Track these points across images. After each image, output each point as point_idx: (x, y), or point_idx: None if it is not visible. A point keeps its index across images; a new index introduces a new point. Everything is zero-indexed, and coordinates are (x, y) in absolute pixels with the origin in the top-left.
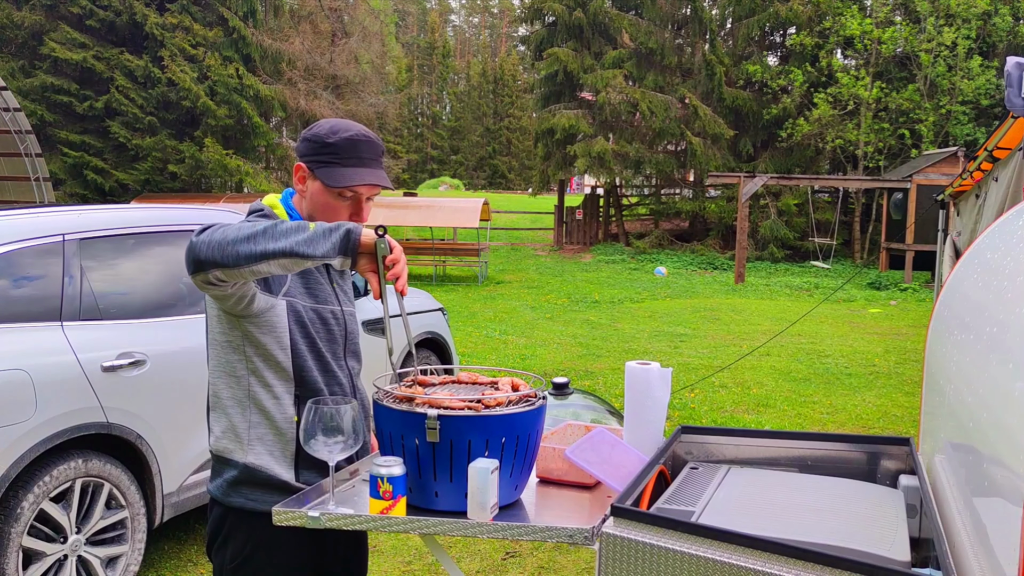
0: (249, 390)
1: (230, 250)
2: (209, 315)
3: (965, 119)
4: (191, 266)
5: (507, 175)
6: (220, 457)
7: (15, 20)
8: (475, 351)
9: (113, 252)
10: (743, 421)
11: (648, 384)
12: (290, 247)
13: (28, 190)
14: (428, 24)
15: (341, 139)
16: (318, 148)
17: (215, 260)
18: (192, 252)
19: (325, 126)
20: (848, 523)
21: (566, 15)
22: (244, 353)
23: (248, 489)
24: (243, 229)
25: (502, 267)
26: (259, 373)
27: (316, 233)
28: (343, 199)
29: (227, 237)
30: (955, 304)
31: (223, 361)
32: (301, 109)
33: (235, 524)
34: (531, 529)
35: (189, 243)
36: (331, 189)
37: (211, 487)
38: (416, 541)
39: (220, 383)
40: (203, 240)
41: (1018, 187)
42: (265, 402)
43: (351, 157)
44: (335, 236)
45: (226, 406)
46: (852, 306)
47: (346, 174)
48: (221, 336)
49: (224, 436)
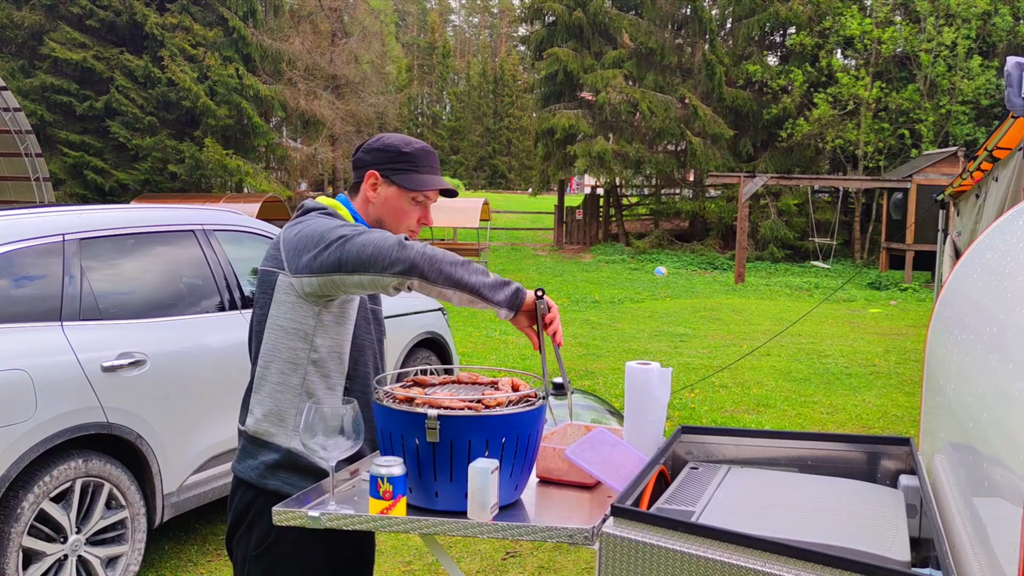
0: (305, 378)
1: (438, 267)
2: (277, 301)
3: (965, 119)
4: (402, 266)
5: (507, 175)
6: (258, 439)
7: (15, 20)
8: (475, 351)
9: (113, 252)
10: (743, 421)
11: (648, 384)
12: (478, 287)
13: (28, 190)
14: (428, 24)
15: (416, 149)
16: (395, 157)
17: (423, 271)
18: (407, 257)
19: (396, 138)
20: (848, 523)
21: (566, 15)
22: (311, 343)
23: (287, 473)
24: (445, 253)
25: (502, 267)
26: (321, 363)
27: (495, 282)
28: (415, 204)
29: (436, 255)
30: (955, 304)
31: (283, 347)
32: (301, 109)
33: (265, 507)
34: (531, 529)
35: (400, 245)
36: (407, 193)
37: (241, 468)
38: (416, 541)
39: (272, 367)
40: (417, 250)
41: (1018, 187)
42: (318, 391)
43: (425, 165)
44: (507, 291)
45: (275, 390)
46: (852, 306)
47: (424, 180)
48: (290, 323)
49: (266, 419)
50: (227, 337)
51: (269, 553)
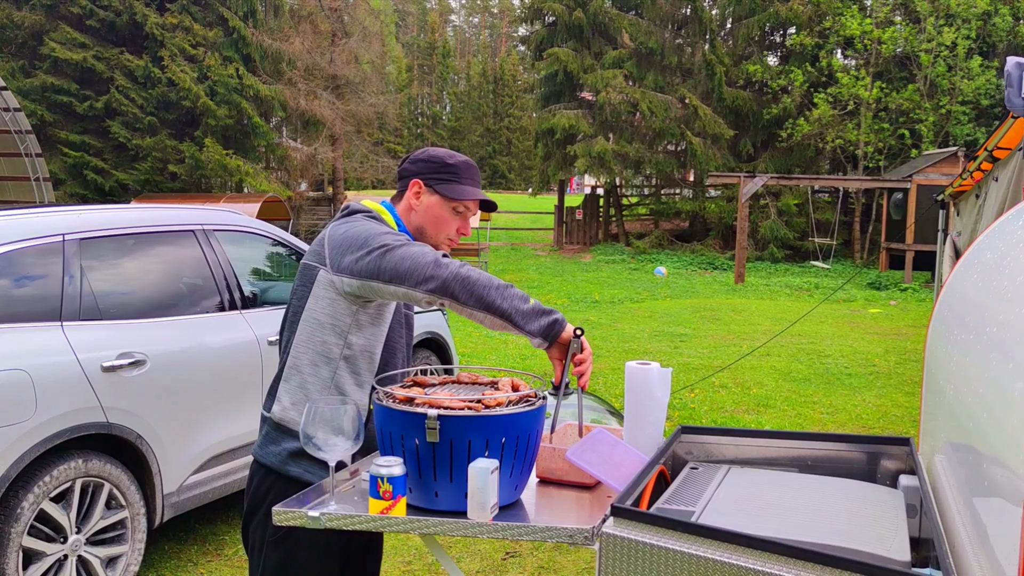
0: (336, 372)
1: (471, 289)
2: (316, 295)
3: (965, 119)
4: (434, 283)
5: (507, 175)
6: (283, 427)
7: (15, 20)
8: (475, 351)
9: (113, 252)
10: (743, 421)
11: (648, 384)
12: (510, 313)
13: (28, 190)
14: (428, 24)
15: (459, 162)
16: (439, 168)
17: (454, 292)
18: (440, 276)
19: (441, 151)
20: (848, 523)
21: (566, 15)
22: (346, 339)
23: (308, 463)
24: (483, 275)
25: (502, 267)
26: (353, 360)
27: (533, 309)
28: (455, 214)
29: (471, 277)
30: (955, 304)
31: (318, 340)
32: (301, 109)
33: (284, 493)
34: (531, 529)
35: (436, 263)
36: (450, 202)
37: (263, 454)
38: (416, 541)
39: (305, 358)
40: (452, 270)
41: (1018, 187)
42: (347, 386)
43: (467, 177)
44: (544, 320)
45: (306, 381)
46: (852, 306)
47: (466, 190)
48: (327, 318)
49: (294, 408)
50: (227, 337)
51: (287, 539)
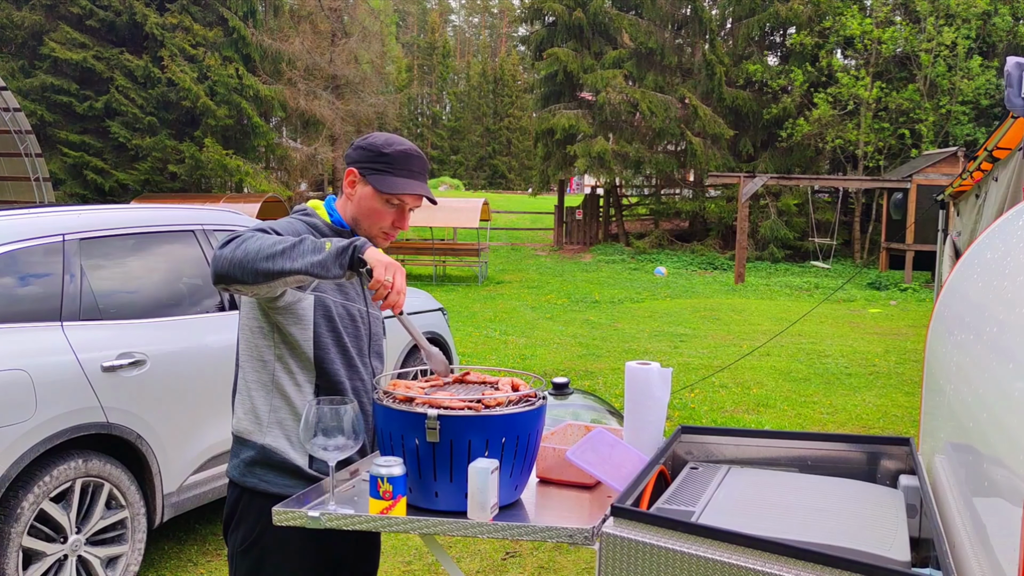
0: (274, 375)
1: (250, 267)
2: (243, 301)
3: (965, 119)
4: (213, 278)
5: (507, 175)
6: (239, 438)
7: (15, 20)
8: (475, 351)
9: (113, 252)
10: (743, 421)
11: (648, 384)
12: (304, 268)
13: (28, 190)
14: (428, 24)
15: (396, 151)
16: (373, 156)
17: (235, 277)
18: (215, 266)
19: (381, 138)
20: (848, 523)
21: (566, 15)
22: (272, 340)
23: (262, 470)
24: (263, 247)
25: (502, 267)
26: (284, 360)
27: (328, 256)
28: (390, 205)
29: (248, 255)
30: (955, 304)
31: (252, 345)
32: (301, 109)
33: (248, 505)
34: (531, 529)
35: (214, 255)
36: (381, 195)
37: (229, 467)
38: (416, 541)
39: (248, 366)
40: (225, 256)
41: (1018, 187)
42: (287, 388)
43: (403, 168)
44: (344, 258)
45: (251, 389)
46: (852, 306)
47: (398, 183)
48: (253, 322)
49: (245, 417)
50: (227, 337)
51: (254, 549)
